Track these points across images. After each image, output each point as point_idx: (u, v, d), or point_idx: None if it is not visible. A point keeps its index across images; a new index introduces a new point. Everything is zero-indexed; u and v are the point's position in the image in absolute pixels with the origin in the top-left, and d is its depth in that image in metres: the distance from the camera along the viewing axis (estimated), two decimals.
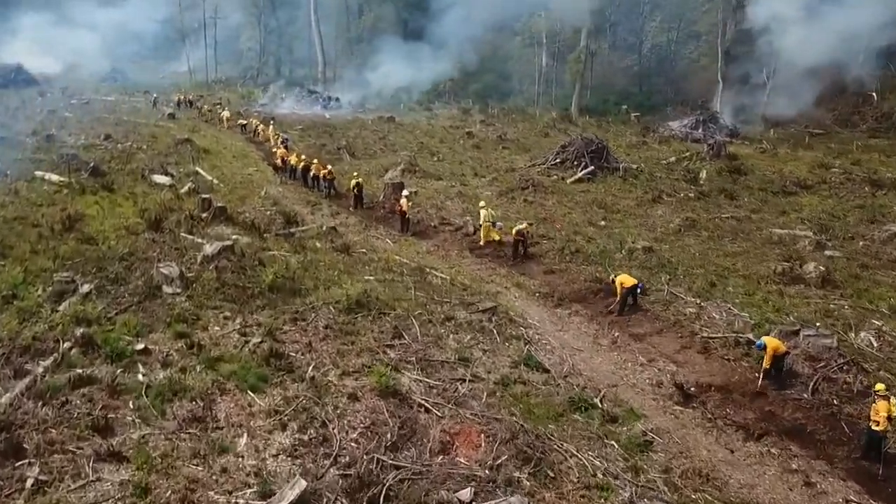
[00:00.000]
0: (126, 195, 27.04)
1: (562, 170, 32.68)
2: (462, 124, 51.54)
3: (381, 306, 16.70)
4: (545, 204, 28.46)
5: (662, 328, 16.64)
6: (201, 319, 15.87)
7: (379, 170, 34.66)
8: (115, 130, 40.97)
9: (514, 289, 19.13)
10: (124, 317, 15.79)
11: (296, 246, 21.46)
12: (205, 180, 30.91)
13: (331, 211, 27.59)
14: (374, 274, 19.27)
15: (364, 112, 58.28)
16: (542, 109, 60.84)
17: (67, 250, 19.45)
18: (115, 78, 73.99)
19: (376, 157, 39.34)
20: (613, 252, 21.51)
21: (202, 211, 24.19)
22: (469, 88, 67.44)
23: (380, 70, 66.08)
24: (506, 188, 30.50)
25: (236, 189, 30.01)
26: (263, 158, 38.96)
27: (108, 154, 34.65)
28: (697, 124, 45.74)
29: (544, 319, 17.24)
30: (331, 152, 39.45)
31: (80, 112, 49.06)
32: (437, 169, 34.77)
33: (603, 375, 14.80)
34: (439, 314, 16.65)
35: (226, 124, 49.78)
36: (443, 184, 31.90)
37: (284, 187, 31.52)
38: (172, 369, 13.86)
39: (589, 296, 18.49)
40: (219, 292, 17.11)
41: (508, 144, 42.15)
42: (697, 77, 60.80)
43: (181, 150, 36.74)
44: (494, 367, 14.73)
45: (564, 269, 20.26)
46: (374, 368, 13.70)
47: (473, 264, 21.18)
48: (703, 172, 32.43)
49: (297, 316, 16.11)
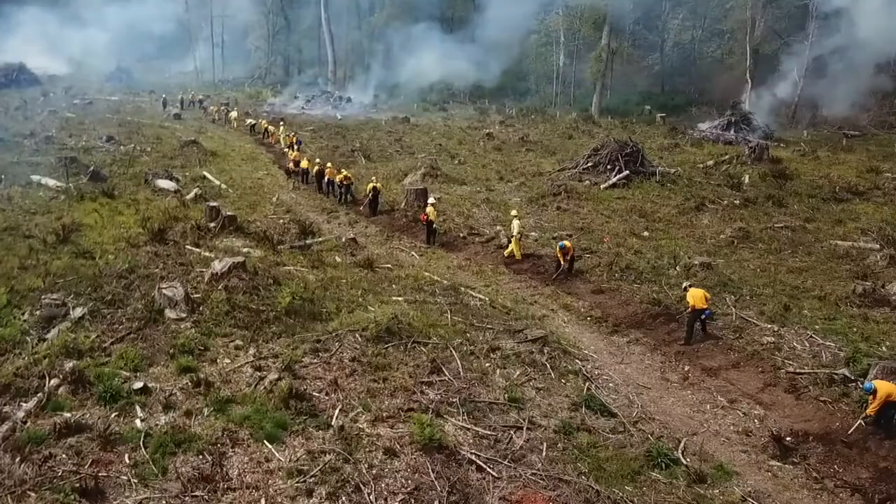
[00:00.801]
0: (127, 202, 25.04)
1: (594, 174, 30.48)
2: (480, 125, 49.38)
3: (415, 334, 14.56)
4: (580, 212, 26.28)
5: (739, 361, 14.44)
6: (209, 350, 13.78)
7: (397, 174, 32.55)
8: (117, 131, 39.02)
9: (562, 312, 16.96)
10: (121, 347, 13.70)
11: (313, 260, 19.36)
12: (212, 185, 28.88)
13: (348, 219, 25.48)
14: (402, 294, 17.13)
15: (377, 112, 56.23)
16: (562, 110, 58.66)
17: (60, 266, 17.41)
18: (120, 78, 72.14)
19: (392, 159, 37.24)
20: (666, 268, 19.31)
21: (210, 220, 22.13)
22: (484, 88, 65.22)
23: (392, 70, 63.97)
24: (536, 194, 28.33)
25: (246, 195, 27.97)
26: (274, 161, 36.95)
27: (109, 157, 32.68)
28: (729, 125, 43.44)
29: (601, 349, 15.06)
30: (344, 155, 37.38)
31: (83, 112, 47.17)
32: (460, 173, 32.63)
33: (679, 420, 12.62)
34: (482, 344, 14.50)
35: (234, 124, 47.85)
36: (467, 189, 29.76)
37: (297, 193, 29.46)
38: (176, 413, 11.77)
39: (647, 320, 16.30)
40: (229, 316, 15.01)
41: (532, 147, 39.97)
42: (723, 76, 58.41)
43: (187, 153, 34.76)
44: (551, 409, 12.57)
45: (615, 288, 18.07)
46: (415, 416, 11.55)
47: (512, 282, 19.02)
48: (745, 177, 30.19)
49: (318, 346, 13.98)
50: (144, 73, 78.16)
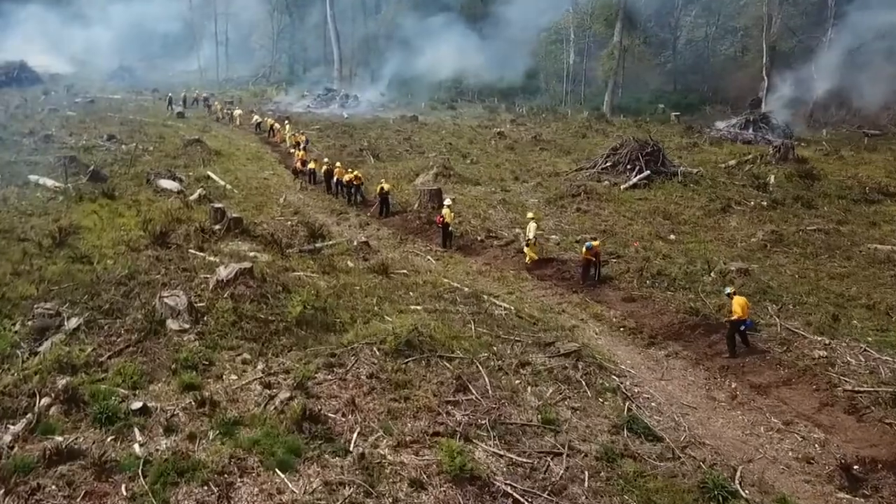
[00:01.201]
0: (128, 203, 23.96)
1: (613, 174, 29.31)
2: (490, 124, 48.24)
3: (437, 347, 13.41)
4: (601, 213, 25.12)
5: (789, 377, 13.26)
6: (214, 365, 12.66)
7: (408, 174, 31.41)
8: (119, 130, 37.98)
9: (593, 322, 15.80)
10: (119, 361, 12.60)
11: (324, 265, 18.22)
12: (217, 186, 27.79)
13: (359, 221, 24.35)
14: (420, 302, 15.99)
15: (384, 111, 55.12)
16: (573, 109, 57.49)
17: (55, 272, 16.33)
18: (123, 76, 71.16)
19: (402, 159, 36.11)
20: (700, 274, 18.13)
21: (214, 222, 21.03)
22: (493, 87, 64.05)
23: (399, 68, 62.82)
24: (554, 195, 27.17)
25: (252, 196, 26.87)
26: (280, 161, 35.85)
27: (110, 156, 31.62)
28: (747, 124, 42.23)
29: (639, 364, 13.89)
30: (352, 154, 36.27)
31: (84, 111, 46.14)
32: (473, 173, 31.48)
33: (732, 445, 11.45)
34: (510, 358, 13.35)
35: (237, 122, 46.78)
36: (482, 190, 28.61)
37: (305, 193, 28.35)
38: (178, 436, 10.67)
39: (685, 331, 15.12)
40: (235, 327, 13.88)
41: (546, 146, 38.81)
42: (737, 74, 57.23)
43: (191, 152, 33.68)
44: (590, 432, 11.42)
45: (647, 296, 16.90)
46: (442, 442, 10.41)
47: (537, 288, 17.85)
48: (771, 178, 28.98)
49: (332, 360, 12.84)
50: (147, 71, 77.16)
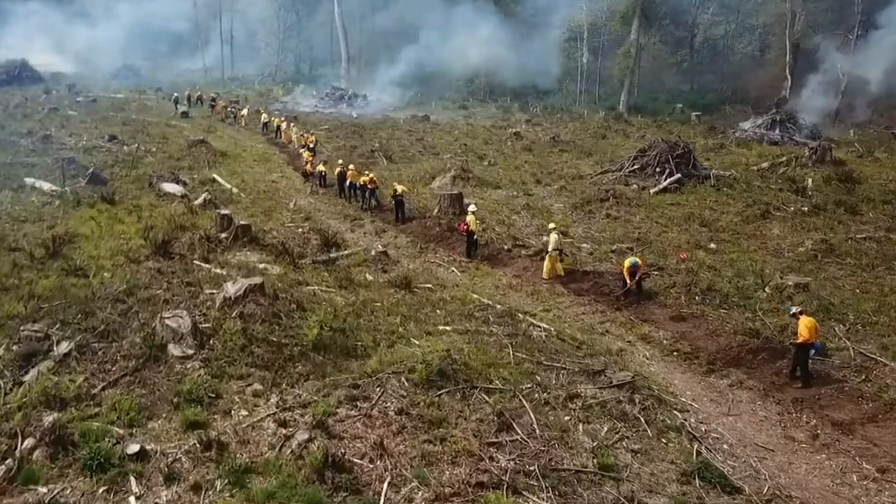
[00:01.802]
0: (129, 208, 22.49)
1: (642, 178, 27.71)
2: (505, 124, 46.67)
3: (473, 376, 11.88)
4: (632, 220, 23.53)
5: (875, 413, 11.67)
6: (222, 398, 11.15)
7: (423, 176, 29.85)
8: (121, 130, 36.52)
9: (642, 344, 14.21)
10: (114, 394, 11.13)
11: (340, 279, 16.68)
12: (223, 189, 26.30)
13: (375, 228, 22.79)
14: (449, 322, 14.44)
15: (394, 111, 53.57)
16: (587, 108, 55.88)
17: (47, 287, 14.84)
18: (127, 75, 69.74)
19: (416, 160, 34.55)
20: (753, 288, 16.53)
21: (221, 230, 19.51)
22: (505, 86, 62.46)
23: (408, 67, 61.20)
24: (580, 200, 25.59)
25: (260, 200, 25.37)
26: (288, 162, 34.34)
27: (111, 158, 30.15)
28: (773, 125, 40.54)
29: (700, 396, 12.31)
30: (364, 155, 34.69)
31: (86, 110, 44.72)
32: (492, 175, 29.90)
33: (822, 498, 9.86)
34: (556, 390, 11.78)
35: (243, 122, 45.29)
36: (503, 194, 27.04)
37: (316, 198, 26.82)
38: (180, 486, 9.22)
39: (746, 356, 13.53)
40: (245, 353, 12.38)
41: (565, 147, 37.21)
42: (757, 73, 55.58)
43: (195, 153, 32.19)
44: (656, 481, 9.85)
45: (698, 314, 15.31)
46: (488, 498, 8.87)
47: (575, 305, 16.27)
48: (808, 181, 27.35)
49: (356, 393, 11.31)
50: (152, 70, 75.74)
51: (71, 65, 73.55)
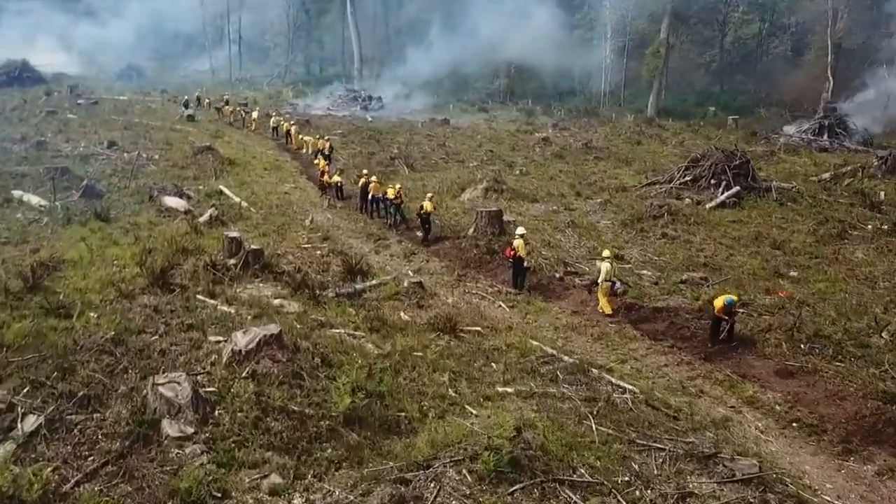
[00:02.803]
0: (125, 227, 19.93)
1: (695, 190, 24.99)
2: (529, 128, 43.99)
3: (553, 464, 9.18)
4: (692, 240, 20.80)
5: None
6: (230, 496, 8.51)
7: (450, 187, 27.19)
8: (122, 136, 34.00)
9: (749, 410, 11.48)
10: (90, 491, 8.52)
11: (371, 318, 14.02)
12: (231, 203, 23.71)
13: (402, 249, 20.12)
14: (509, 378, 11.77)
15: (410, 113, 50.94)
16: (612, 111, 53.13)
17: (20, 332, 12.22)
18: (131, 76, 67.35)
19: (439, 168, 31.92)
20: (866, 333, 13.78)
21: (229, 255, 16.88)
22: (525, 87, 59.80)
23: (424, 68, 58.59)
24: (630, 216, 22.88)
25: (272, 215, 22.77)
26: (301, 171, 31.74)
27: (109, 166, 27.62)
28: (821, 130, 37.69)
29: (845, 490, 9.57)
30: (382, 163, 32.09)
31: (86, 113, 42.26)
32: (526, 186, 27.22)
33: None
34: (661, 483, 9.07)
35: (253, 126, 42.71)
36: (541, 208, 24.36)
37: (334, 213, 24.18)
38: None
39: (886, 430, 10.78)
40: (259, 429, 9.72)
41: (599, 154, 34.48)
42: (795, 74, 52.65)
43: (201, 161, 29.64)
44: None
45: (809, 368, 12.56)
46: None
47: (652, 352, 13.54)
48: (881, 194, 24.57)
49: (404, 491, 8.64)
50: (158, 71, 73.38)
51: (76, 65, 71.24)
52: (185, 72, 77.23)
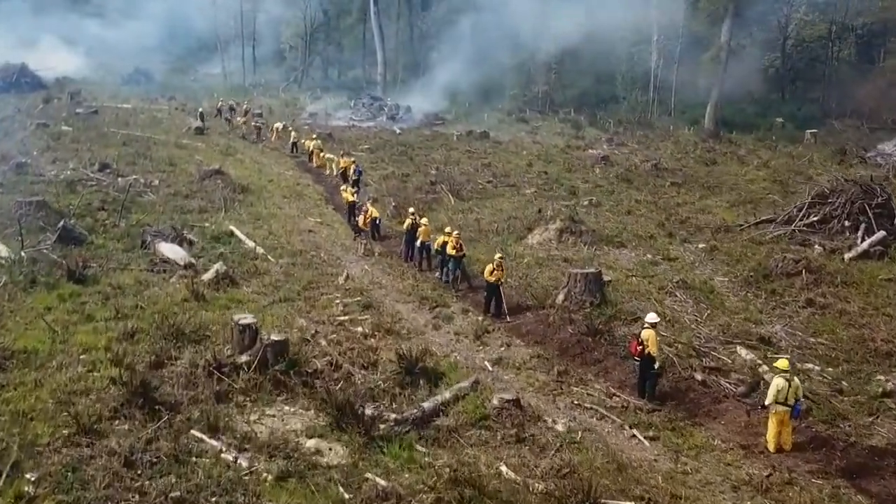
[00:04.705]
0: (105, 293, 15.14)
1: (824, 235, 19.94)
2: (581, 143, 38.92)
3: None
4: (848, 310, 15.76)
5: None
6: None
7: (508, 224, 22.23)
8: (118, 154, 29.28)
9: None
10: None
11: (454, 473, 9.09)
12: (244, 249, 18.89)
13: (471, 324, 15.13)
14: None
15: (443, 124, 46.01)
16: (666, 121, 48.04)
17: None
18: (139, 80, 62.74)
19: (488, 195, 26.99)
20: None
21: (240, 349, 12.06)
22: (565, 94, 54.79)
23: (453, 73, 53.55)
24: (750, 271, 17.86)
25: (296, 267, 17.94)
26: (326, 198, 26.95)
27: (98, 196, 22.91)
28: None
29: None
30: (421, 189, 27.25)
31: (83, 124, 37.63)
32: (604, 223, 22.25)
33: None
34: None
35: (273, 137, 37.95)
36: (630, 256, 19.41)
37: (371, 262, 19.24)
38: None
39: None
40: None
41: (675, 178, 29.40)
42: (864, 82, 47.32)
43: (208, 188, 24.92)
44: None
45: None
46: None
47: None
48: None
49: None
50: (167, 75, 68.81)
51: (82, 67, 66.84)
52: (195, 75, 72.71)
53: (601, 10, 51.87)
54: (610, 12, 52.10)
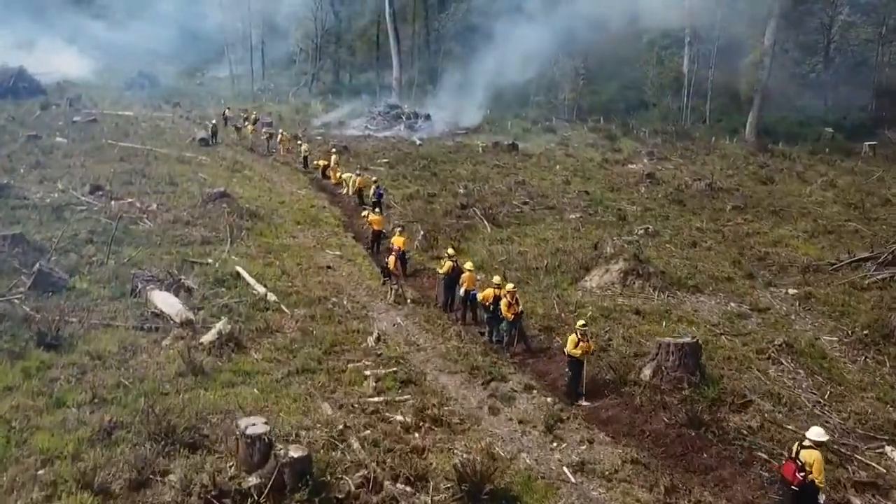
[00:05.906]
0: (81, 366, 12.19)
1: None
2: (618, 157, 35.82)
3: None
4: None
5: None
6: None
7: (556, 259, 19.18)
8: (114, 172, 26.37)
9: None
10: None
11: None
12: (252, 298, 15.91)
13: (538, 407, 12.08)
14: None
15: (465, 134, 42.99)
16: (701, 129, 44.94)
17: None
18: (143, 84, 59.91)
19: (527, 220, 23.99)
20: None
21: (249, 467, 9.09)
22: (594, 101, 51.70)
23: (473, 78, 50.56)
24: (863, 328, 14.78)
25: (315, 318, 14.97)
26: (345, 223, 23.99)
27: (86, 226, 19.95)
28: None
29: None
30: (451, 213, 24.25)
31: (79, 135, 34.75)
32: (667, 260, 19.17)
33: None
34: None
35: (282, 150, 35.16)
36: (710, 305, 16.33)
37: (403, 312, 16.20)
38: None
39: None
40: None
41: (734, 200, 26.29)
42: None
43: (213, 214, 21.95)
44: None
45: None
46: None
47: None
48: None
49: None
50: (173, 79, 66.05)
51: (86, 71, 64.19)
52: (202, 79, 70.02)
53: (629, 10, 48.88)
54: (637, 12, 49.08)
